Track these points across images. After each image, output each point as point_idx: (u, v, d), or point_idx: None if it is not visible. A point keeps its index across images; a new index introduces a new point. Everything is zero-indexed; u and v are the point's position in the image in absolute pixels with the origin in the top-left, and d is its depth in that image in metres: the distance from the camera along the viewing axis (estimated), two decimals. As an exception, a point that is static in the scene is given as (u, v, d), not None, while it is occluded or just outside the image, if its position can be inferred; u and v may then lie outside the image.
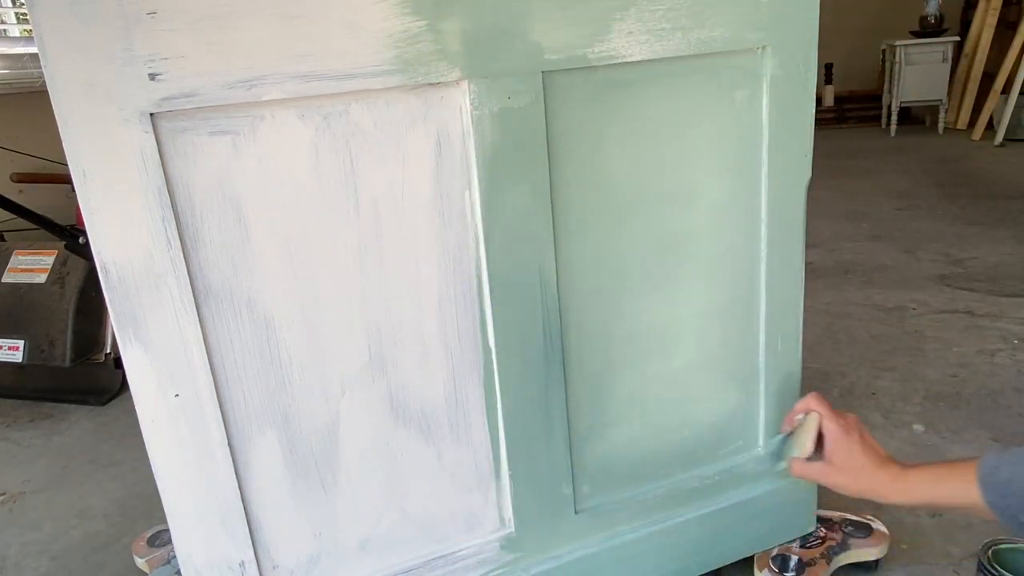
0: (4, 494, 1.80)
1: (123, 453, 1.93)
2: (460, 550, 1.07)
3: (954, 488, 0.88)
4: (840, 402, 1.88)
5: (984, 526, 1.39)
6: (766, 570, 1.21)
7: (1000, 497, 0.82)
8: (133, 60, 0.76)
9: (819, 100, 5.34)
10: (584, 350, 1.06)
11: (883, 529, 1.28)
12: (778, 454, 1.09)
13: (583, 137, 0.98)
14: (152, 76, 0.77)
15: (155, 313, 0.83)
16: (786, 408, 1.21)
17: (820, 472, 1.01)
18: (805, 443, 1.02)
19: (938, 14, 5.14)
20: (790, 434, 1.07)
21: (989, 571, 1.09)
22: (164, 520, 0.92)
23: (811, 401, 1.03)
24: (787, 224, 1.12)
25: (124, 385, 2.18)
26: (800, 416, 1.05)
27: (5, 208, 2.17)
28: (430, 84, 0.88)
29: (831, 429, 0.99)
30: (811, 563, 1.22)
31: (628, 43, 0.95)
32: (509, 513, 1.08)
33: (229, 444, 0.91)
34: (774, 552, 1.25)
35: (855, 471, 0.97)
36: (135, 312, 0.82)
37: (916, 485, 0.93)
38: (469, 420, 1.03)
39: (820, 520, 1.30)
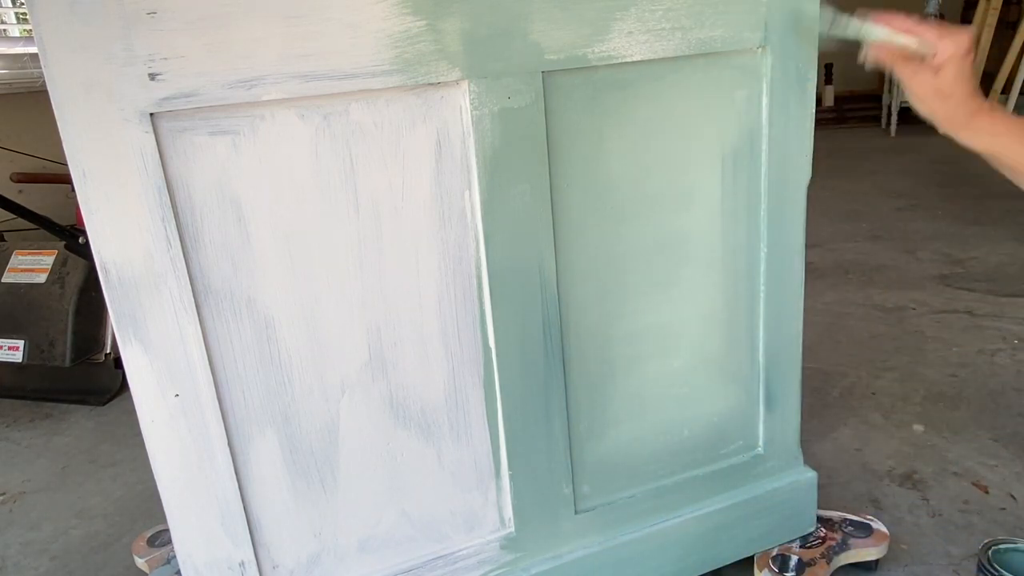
0: (4, 494, 1.80)
1: (123, 453, 1.93)
2: (460, 550, 1.07)
3: None
4: (840, 402, 1.88)
5: (984, 526, 1.40)
6: (766, 570, 1.21)
7: None
8: (133, 60, 0.76)
9: (819, 100, 5.33)
10: (584, 350, 1.06)
11: (883, 529, 1.28)
12: (840, 26, 0.96)
13: (583, 137, 0.98)
14: (152, 76, 0.77)
15: (155, 313, 0.83)
16: (786, 409, 1.21)
17: (906, 72, 0.92)
18: (903, 42, 0.91)
19: (938, 14, 5.13)
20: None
21: (989, 571, 1.09)
22: (164, 520, 0.92)
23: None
24: (787, 224, 1.12)
25: (124, 385, 2.18)
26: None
27: (5, 208, 2.17)
28: (430, 84, 0.88)
29: (943, 46, 0.89)
30: (811, 563, 1.22)
31: (628, 43, 0.95)
32: (509, 513, 1.08)
33: (229, 444, 0.91)
34: (774, 552, 1.25)
35: (943, 93, 0.90)
36: (135, 312, 0.82)
37: (994, 130, 0.88)
38: (469, 420, 1.03)
39: (820, 520, 1.30)
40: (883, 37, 0.93)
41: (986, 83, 4.98)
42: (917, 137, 5.19)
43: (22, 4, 3.66)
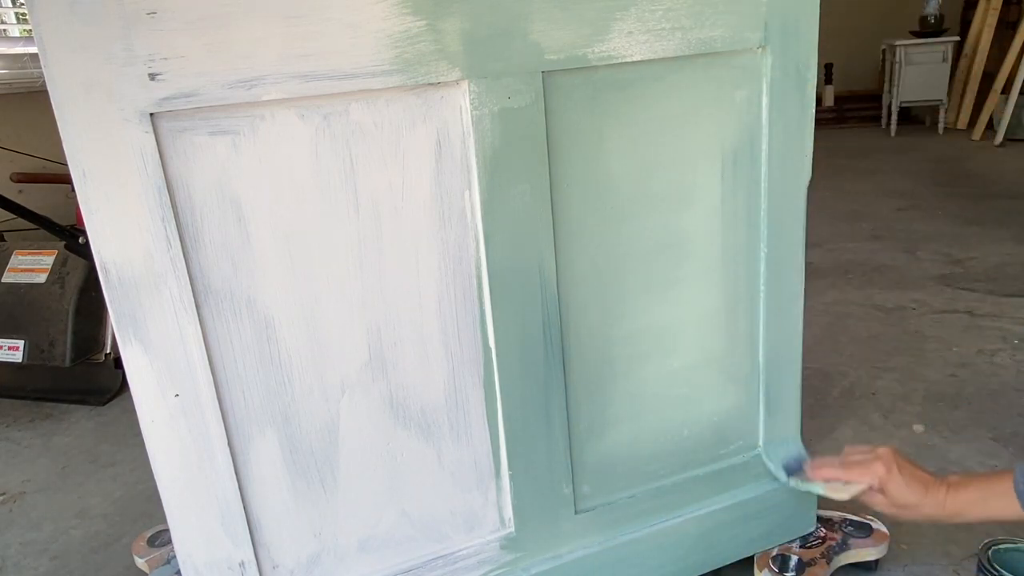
0: (4, 494, 1.80)
1: (123, 453, 1.93)
2: (460, 550, 1.07)
3: (997, 507, 0.96)
4: (840, 402, 1.88)
5: (984, 526, 1.40)
6: (766, 570, 1.21)
7: None
8: (133, 60, 0.76)
9: (819, 100, 5.34)
10: (584, 350, 1.06)
11: (883, 529, 1.28)
12: (793, 472, 1.16)
13: (583, 137, 0.98)
14: (152, 76, 0.77)
15: (155, 313, 0.83)
16: (786, 409, 1.21)
17: (868, 500, 1.07)
18: (841, 494, 1.08)
19: (938, 14, 5.14)
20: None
21: (989, 571, 1.09)
22: (164, 520, 0.92)
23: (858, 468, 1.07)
24: (787, 224, 1.12)
25: (124, 385, 2.18)
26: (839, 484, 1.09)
27: (5, 208, 2.17)
28: (430, 84, 0.88)
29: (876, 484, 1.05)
30: (811, 563, 1.22)
31: (628, 43, 0.95)
32: (509, 513, 1.08)
33: (229, 444, 0.91)
34: (774, 552, 1.24)
35: (900, 506, 1.04)
36: (135, 312, 0.82)
37: (960, 509, 1.00)
38: (469, 420, 1.03)
39: (820, 520, 1.30)
40: (822, 494, 1.11)
41: (986, 83, 4.99)
42: (917, 137, 5.20)
43: (22, 4, 3.66)
